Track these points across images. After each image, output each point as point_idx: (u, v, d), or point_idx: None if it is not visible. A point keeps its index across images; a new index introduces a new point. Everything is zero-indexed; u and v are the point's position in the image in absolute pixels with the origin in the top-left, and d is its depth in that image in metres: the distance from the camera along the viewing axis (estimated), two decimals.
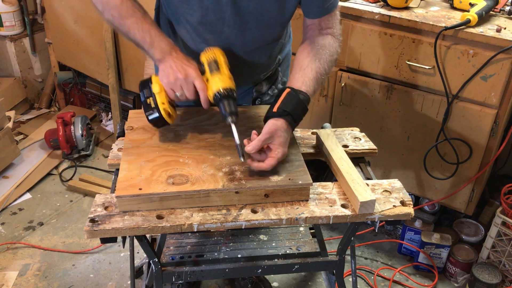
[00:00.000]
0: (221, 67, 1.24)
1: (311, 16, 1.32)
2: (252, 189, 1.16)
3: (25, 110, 3.29)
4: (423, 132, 1.96)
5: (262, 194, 1.18)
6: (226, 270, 1.38)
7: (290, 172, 1.21)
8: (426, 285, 2.11)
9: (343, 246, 1.39)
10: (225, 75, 1.23)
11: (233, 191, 1.16)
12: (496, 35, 1.67)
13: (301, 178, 1.19)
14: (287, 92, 1.23)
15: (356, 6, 1.90)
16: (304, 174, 1.20)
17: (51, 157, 2.85)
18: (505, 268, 2.00)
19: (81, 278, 2.10)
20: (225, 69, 1.24)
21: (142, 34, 1.25)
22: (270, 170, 1.19)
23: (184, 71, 1.21)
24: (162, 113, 1.25)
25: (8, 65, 3.20)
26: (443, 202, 2.09)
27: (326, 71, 1.31)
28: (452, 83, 1.81)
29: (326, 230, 2.34)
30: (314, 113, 2.19)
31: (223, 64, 1.25)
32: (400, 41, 1.84)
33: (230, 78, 1.24)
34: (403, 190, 1.26)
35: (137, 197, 1.13)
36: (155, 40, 1.25)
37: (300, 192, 1.19)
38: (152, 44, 1.25)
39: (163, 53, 1.25)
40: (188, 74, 1.21)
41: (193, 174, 1.18)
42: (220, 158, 1.25)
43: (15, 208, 2.49)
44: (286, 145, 1.21)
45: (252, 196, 1.18)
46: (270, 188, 1.17)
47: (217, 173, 1.20)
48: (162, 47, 1.25)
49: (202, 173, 1.19)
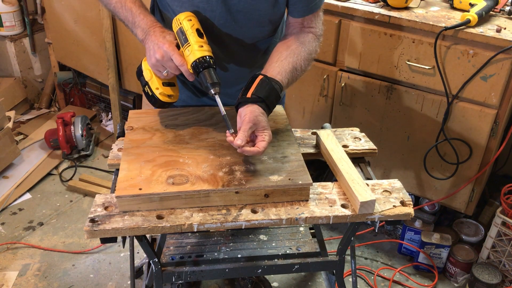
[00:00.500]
0: (189, 36, 1.19)
1: (295, 15, 1.33)
2: (252, 189, 1.16)
3: (25, 110, 3.29)
4: (423, 132, 1.96)
5: (262, 194, 1.18)
6: (226, 270, 1.38)
7: (290, 172, 1.21)
8: (426, 285, 2.11)
9: (343, 246, 1.39)
10: (193, 45, 1.18)
11: (233, 191, 1.16)
12: (496, 35, 1.67)
13: (301, 178, 1.19)
14: (260, 79, 1.21)
15: (356, 6, 1.90)
16: (304, 174, 1.20)
17: (51, 157, 2.85)
18: (505, 268, 2.00)
19: (81, 278, 2.10)
20: (193, 36, 1.19)
21: (125, 13, 1.25)
22: (270, 170, 1.19)
23: (160, 51, 1.19)
24: (160, 99, 1.27)
25: (8, 65, 3.20)
26: (443, 202, 2.09)
27: (302, 68, 1.31)
28: (452, 83, 1.81)
29: (326, 230, 2.34)
30: (314, 113, 2.19)
31: (190, 32, 1.19)
32: (400, 41, 1.84)
33: (200, 46, 1.18)
34: (403, 190, 1.26)
35: (137, 197, 1.13)
36: (136, 19, 1.24)
37: (300, 192, 1.19)
38: (134, 24, 1.24)
39: (143, 33, 1.23)
40: (163, 53, 1.19)
41: (193, 174, 1.18)
42: (220, 158, 1.25)
43: (15, 208, 2.49)
44: (269, 127, 1.19)
45: (252, 196, 1.18)
46: (270, 188, 1.17)
47: (217, 173, 1.20)
48: (142, 26, 1.23)
49: (202, 173, 1.19)
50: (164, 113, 1.44)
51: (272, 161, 1.24)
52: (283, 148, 1.30)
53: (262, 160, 1.24)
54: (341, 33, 1.98)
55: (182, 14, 1.22)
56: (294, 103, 2.23)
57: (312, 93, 2.14)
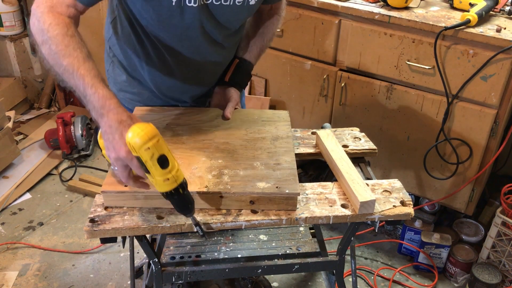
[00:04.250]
0: (150, 169, 0.99)
1: (269, 2, 1.42)
2: (237, 195, 1.14)
3: (25, 110, 3.29)
4: (423, 132, 1.96)
5: (248, 200, 1.15)
6: (226, 270, 1.38)
7: (280, 180, 1.17)
8: (426, 285, 2.11)
9: (343, 246, 1.39)
10: (157, 178, 1.00)
11: (218, 195, 1.14)
12: (496, 35, 1.67)
13: (289, 187, 1.15)
14: (236, 63, 1.43)
15: (356, 6, 1.90)
16: (293, 183, 1.16)
17: (51, 157, 2.85)
18: (505, 268, 2.00)
19: (81, 278, 2.10)
20: (156, 169, 0.98)
21: (76, 81, 1.05)
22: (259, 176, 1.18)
23: (116, 155, 1.00)
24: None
25: (8, 65, 3.20)
26: (443, 202, 2.09)
27: (266, 46, 1.50)
28: (452, 83, 1.81)
29: (326, 230, 2.34)
30: (314, 113, 2.19)
31: (151, 165, 0.98)
32: (400, 41, 1.84)
33: (166, 180, 1.00)
34: (403, 190, 1.26)
35: (122, 194, 1.13)
36: (87, 92, 1.04)
37: (287, 201, 1.15)
38: (85, 97, 1.05)
39: (95, 114, 1.05)
40: (122, 160, 1.00)
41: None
42: (211, 160, 1.24)
43: (15, 208, 2.49)
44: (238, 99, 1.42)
45: (237, 202, 1.15)
46: (255, 195, 1.14)
47: (206, 175, 1.18)
48: (94, 104, 1.04)
49: (191, 174, 1.18)
50: (168, 111, 1.43)
51: (264, 167, 1.22)
52: (278, 155, 1.27)
53: (254, 166, 1.22)
54: (341, 33, 1.98)
55: (138, 139, 0.95)
56: (294, 103, 2.23)
57: (312, 93, 2.14)
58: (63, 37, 1.07)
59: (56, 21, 1.08)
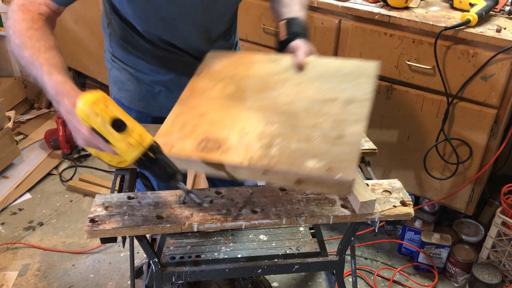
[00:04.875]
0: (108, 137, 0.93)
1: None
2: (279, 174, 0.99)
3: (25, 110, 3.29)
4: (423, 132, 1.96)
5: (294, 179, 0.98)
6: (226, 270, 1.38)
7: (335, 159, 0.97)
8: (426, 285, 2.11)
9: (343, 246, 1.39)
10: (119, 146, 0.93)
11: (260, 171, 0.99)
12: (496, 35, 1.67)
13: (344, 170, 0.94)
14: (286, 22, 1.25)
15: (356, 6, 1.90)
16: (349, 166, 0.95)
17: (51, 157, 2.85)
18: (505, 268, 2.00)
19: (81, 278, 2.10)
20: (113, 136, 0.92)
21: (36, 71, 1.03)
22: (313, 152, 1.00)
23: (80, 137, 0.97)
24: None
25: (8, 65, 3.20)
26: (443, 202, 2.09)
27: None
28: (452, 83, 1.81)
29: (326, 230, 2.34)
30: None
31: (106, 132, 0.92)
32: (400, 41, 1.84)
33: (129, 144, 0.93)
34: (403, 190, 1.26)
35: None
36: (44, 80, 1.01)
37: (339, 186, 0.96)
38: (44, 87, 1.02)
39: (54, 103, 1.01)
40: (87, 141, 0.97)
41: (229, 140, 1.05)
42: (266, 125, 1.09)
43: (15, 208, 2.49)
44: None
45: (281, 180, 1.00)
46: (301, 176, 0.97)
47: (254, 144, 1.03)
48: (51, 92, 1.00)
49: (240, 140, 1.04)
50: (241, 59, 1.32)
51: (322, 140, 1.03)
52: (345, 124, 1.06)
53: (311, 137, 1.04)
54: (341, 33, 1.98)
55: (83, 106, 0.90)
56: None
57: None
58: (27, 30, 1.06)
59: (23, 17, 1.08)
